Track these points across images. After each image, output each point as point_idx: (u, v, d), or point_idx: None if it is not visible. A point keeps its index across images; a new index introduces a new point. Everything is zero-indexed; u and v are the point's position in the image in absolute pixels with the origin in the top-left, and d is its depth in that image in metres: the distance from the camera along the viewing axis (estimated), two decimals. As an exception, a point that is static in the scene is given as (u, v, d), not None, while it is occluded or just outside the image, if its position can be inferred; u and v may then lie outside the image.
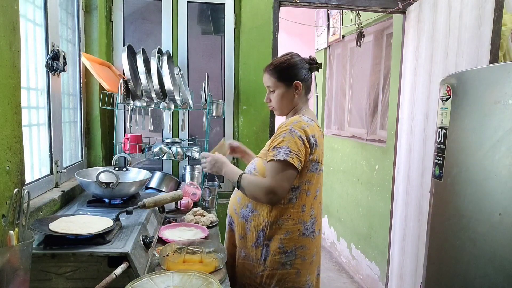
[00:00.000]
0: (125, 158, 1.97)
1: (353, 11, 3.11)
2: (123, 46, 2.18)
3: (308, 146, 1.39)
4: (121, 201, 1.57)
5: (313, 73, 1.55)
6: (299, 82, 1.48)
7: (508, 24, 1.90)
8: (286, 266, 1.44)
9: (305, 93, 1.52)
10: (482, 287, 1.35)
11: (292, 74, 1.48)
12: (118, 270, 1.02)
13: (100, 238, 1.12)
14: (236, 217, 1.53)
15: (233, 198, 1.59)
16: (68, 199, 1.62)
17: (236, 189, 1.53)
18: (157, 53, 2.06)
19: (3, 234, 0.93)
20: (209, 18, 2.37)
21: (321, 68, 1.54)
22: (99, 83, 2.00)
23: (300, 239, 1.45)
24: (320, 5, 2.47)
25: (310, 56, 1.54)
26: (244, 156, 1.80)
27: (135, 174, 1.77)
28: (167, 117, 2.11)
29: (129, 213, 1.31)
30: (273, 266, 1.44)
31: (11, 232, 0.91)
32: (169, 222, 1.79)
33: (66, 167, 1.78)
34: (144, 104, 2.04)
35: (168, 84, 2.04)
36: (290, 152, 1.34)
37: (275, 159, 1.35)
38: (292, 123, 1.39)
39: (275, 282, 1.44)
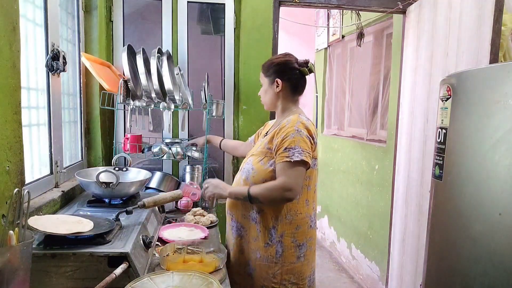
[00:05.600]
0: (125, 158, 1.97)
1: (353, 11, 3.11)
2: (123, 46, 2.18)
3: (312, 144, 1.47)
4: (121, 201, 1.57)
5: (307, 76, 1.58)
6: (279, 80, 1.54)
7: (508, 24, 1.90)
8: (300, 259, 1.52)
9: (291, 93, 1.57)
10: (482, 286, 1.35)
11: (275, 71, 1.55)
12: (118, 270, 1.02)
13: (100, 238, 1.12)
14: (247, 221, 1.56)
15: (236, 203, 1.61)
16: (68, 199, 1.62)
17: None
18: (157, 53, 2.06)
19: (3, 234, 0.93)
20: (209, 18, 2.36)
21: (312, 72, 1.58)
22: (99, 83, 2.00)
23: (309, 231, 1.54)
24: (320, 5, 2.47)
25: (304, 59, 1.58)
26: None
27: (135, 174, 1.77)
28: (167, 117, 2.11)
29: (129, 213, 1.31)
30: (289, 261, 1.50)
31: (11, 232, 0.91)
32: (169, 222, 1.79)
33: (66, 167, 1.78)
34: (144, 104, 2.04)
35: (168, 84, 2.04)
36: (303, 151, 1.41)
37: (291, 160, 1.40)
38: (296, 124, 1.45)
39: (292, 276, 1.51)
